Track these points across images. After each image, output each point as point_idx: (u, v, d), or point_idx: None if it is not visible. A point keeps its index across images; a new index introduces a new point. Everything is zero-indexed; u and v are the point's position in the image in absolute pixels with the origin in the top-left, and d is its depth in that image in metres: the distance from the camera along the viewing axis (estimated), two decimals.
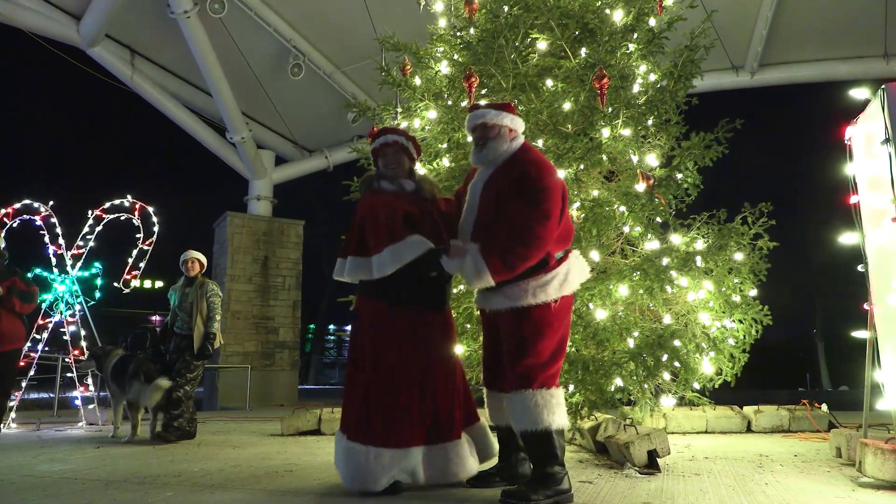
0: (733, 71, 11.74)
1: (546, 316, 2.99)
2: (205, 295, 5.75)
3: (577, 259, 3.21)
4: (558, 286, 3.01)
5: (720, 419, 5.61)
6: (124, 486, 3.26)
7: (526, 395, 2.90)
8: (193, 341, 5.62)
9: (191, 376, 5.63)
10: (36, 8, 10.30)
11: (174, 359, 5.71)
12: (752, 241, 5.26)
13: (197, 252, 5.98)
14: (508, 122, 3.22)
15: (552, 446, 2.85)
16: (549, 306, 2.99)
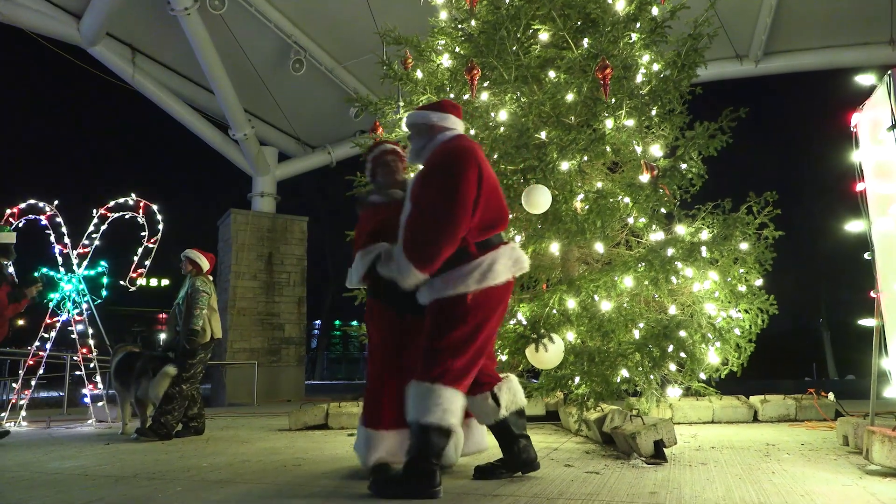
0: (737, 60, 11.67)
1: (459, 307, 2.91)
2: (188, 292, 5.68)
3: (509, 250, 3.06)
4: (479, 277, 2.91)
5: (726, 409, 5.61)
6: (134, 482, 3.28)
7: (413, 384, 2.86)
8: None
9: (186, 375, 5.50)
10: (36, 7, 10.30)
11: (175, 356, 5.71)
12: (757, 230, 5.26)
13: (192, 251, 5.86)
14: (434, 120, 3.18)
15: (423, 442, 2.77)
16: (464, 298, 2.90)
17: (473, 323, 2.91)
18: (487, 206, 2.98)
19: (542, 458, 3.70)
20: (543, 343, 4.52)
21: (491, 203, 3.01)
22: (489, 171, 3.06)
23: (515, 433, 3.17)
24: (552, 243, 5.15)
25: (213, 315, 5.73)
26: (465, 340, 2.90)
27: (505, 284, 3.00)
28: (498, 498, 2.67)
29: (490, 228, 3.03)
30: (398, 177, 3.51)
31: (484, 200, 2.95)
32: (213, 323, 5.70)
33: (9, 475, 3.65)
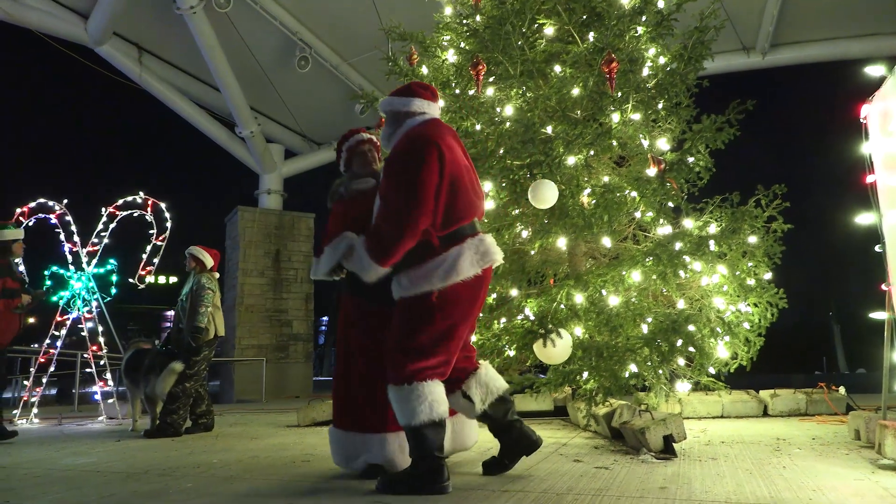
0: (744, 52, 11.59)
1: (424, 306, 2.81)
2: (193, 289, 5.70)
3: (475, 242, 2.89)
4: (442, 274, 2.80)
5: (736, 404, 5.59)
6: (145, 478, 3.30)
7: (391, 390, 2.81)
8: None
9: (190, 373, 5.51)
10: (44, 8, 10.35)
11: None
12: (766, 223, 5.22)
13: (196, 248, 5.84)
14: (398, 106, 3.05)
15: (420, 442, 2.74)
16: (429, 296, 2.80)
17: (443, 322, 2.82)
18: (452, 196, 2.85)
19: (550, 454, 3.71)
20: (551, 338, 4.51)
21: (457, 192, 2.87)
22: (456, 158, 2.91)
23: (504, 421, 3.07)
24: (559, 238, 5.14)
25: (216, 313, 5.73)
26: (437, 340, 2.83)
27: (474, 279, 2.85)
28: (507, 494, 2.67)
29: (457, 220, 2.88)
30: (374, 167, 3.42)
31: (447, 189, 2.83)
32: (216, 321, 5.71)
33: (22, 471, 3.68)
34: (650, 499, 2.51)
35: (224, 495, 2.82)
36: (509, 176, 5.17)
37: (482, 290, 2.95)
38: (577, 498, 2.56)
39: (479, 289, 2.92)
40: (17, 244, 5.62)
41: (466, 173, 2.98)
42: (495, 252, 2.95)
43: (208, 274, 5.77)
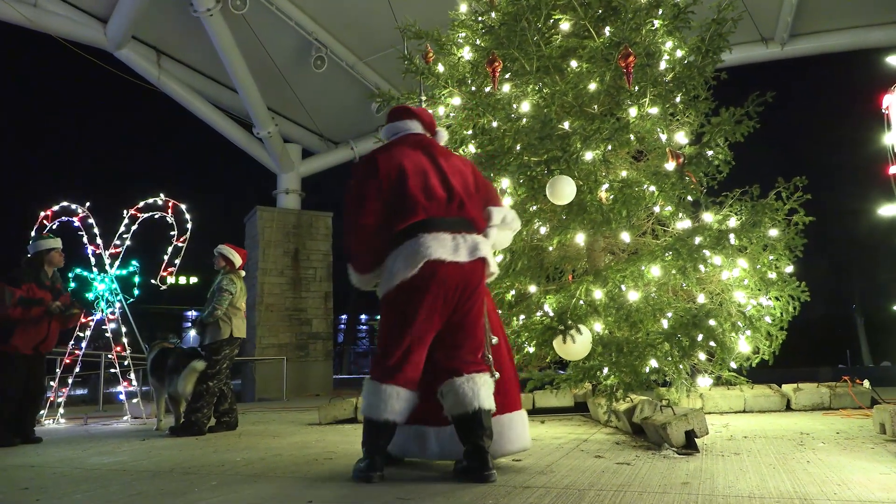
0: (763, 43, 11.45)
1: (381, 310, 3.11)
2: (214, 288, 5.81)
3: (406, 246, 2.95)
4: (387, 278, 3.00)
5: (758, 398, 5.54)
6: (171, 477, 3.35)
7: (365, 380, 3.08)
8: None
9: (212, 372, 5.59)
10: (64, 13, 10.52)
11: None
12: (787, 216, 5.16)
13: (225, 247, 5.95)
14: (382, 135, 3.45)
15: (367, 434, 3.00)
16: (383, 300, 3.08)
17: (393, 323, 3.00)
18: (391, 200, 3.02)
19: (571, 450, 3.71)
20: (571, 334, 4.50)
21: (396, 195, 3.01)
22: (395, 164, 3.06)
23: (460, 437, 3.00)
24: (577, 234, 5.12)
25: (236, 314, 5.78)
26: (392, 340, 2.99)
27: (414, 279, 2.90)
28: (528, 490, 2.68)
29: (400, 222, 2.99)
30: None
31: (387, 194, 3.02)
32: (235, 322, 5.74)
33: (51, 470, 3.76)
34: (673, 494, 2.50)
35: (249, 493, 2.86)
36: (527, 172, 5.16)
37: (431, 290, 2.92)
38: (600, 494, 2.56)
39: (423, 291, 2.92)
40: (54, 253, 5.65)
41: (410, 175, 3.05)
42: (422, 249, 2.91)
43: (232, 275, 5.84)
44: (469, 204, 3.15)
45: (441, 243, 2.95)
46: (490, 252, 3.15)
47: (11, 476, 3.63)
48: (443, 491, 2.72)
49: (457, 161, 3.29)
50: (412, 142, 3.26)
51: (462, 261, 2.97)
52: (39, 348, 5.46)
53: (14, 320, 5.26)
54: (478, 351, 3.11)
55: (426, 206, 3.02)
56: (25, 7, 10.00)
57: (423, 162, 3.13)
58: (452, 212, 3.08)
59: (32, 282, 5.44)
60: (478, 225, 3.20)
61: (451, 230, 3.02)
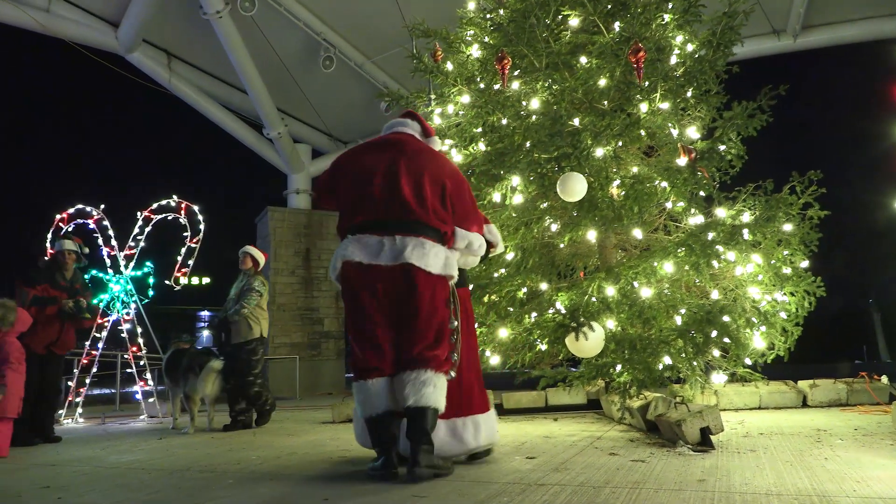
0: (775, 35, 11.32)
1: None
2: (243, 287, 5.97)
3: (341, 244, 3.17)
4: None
5: (774, 394, 5.49)
6: (188, 475, 3.39)
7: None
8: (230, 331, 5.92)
9: (255, 372, 5.89)
10: (75, 18, 10.61)
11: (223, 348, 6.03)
12: (801, 210, 5.12)
13: (252, 247, 6.22)
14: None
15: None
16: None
17: (347, 317, 3.27)
18: (340, 201, 3.23)
19: (585, 448, 3.70)
20: (583, 331, 4.50)
21: (343, 197, 3.21)
22: (349, 165, 3.26)
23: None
24: (589, 231, 5.11)
25: (263, 314, 6.01)
26: (352, 336, 3.14)
27: (343, 277, 3.11)
28: (543, 487, 2.68)
29: (348, 221, 3.18)
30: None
31: (338, 196, 3.25)
32: (262, 322, 5.99)
33: (71, 469, 3.81)
34: (689, 492, 2.49)
35: (265, 491, 2.88)
36: (537, 169, 5.15)
37: (353, 289, 3.09)
38: (615, 491, 2.55)
39: (347, 290, 3.12)
40: (67, 254, 5.70)
41: (368, 177, 3.16)
42: (343, 251, 3.11)
43: (262, 278, 6.06)
44: (419, 209, 3.12)
45: (362, 246, 3.08)
46: (429, 257, 3.07)
47: (32, 475, 3.68)
48: (458, 488, 2.73)
49: (428, 167, 3.21)
50: (386, 141, 3.35)
51: (383, 263, 3.04)
52: (52, 349, 5.50)
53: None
54: (425, 348, 3.05)
55: (365, 207, 3.15)
56: (38, 13, 10.10)
57: (381, 163, 3.19)
58: (393, 214, 3.11)
59: (47, 282, 5.50)
60: (430, 227, 3.14)
61: (383, 232, 3.09)
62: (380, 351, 3.07)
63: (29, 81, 29.88)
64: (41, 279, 5.50)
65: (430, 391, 2.96)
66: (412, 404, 2.95)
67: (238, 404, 5.86)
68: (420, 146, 3.35)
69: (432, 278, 3.07)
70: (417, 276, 3.04)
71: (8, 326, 4.60)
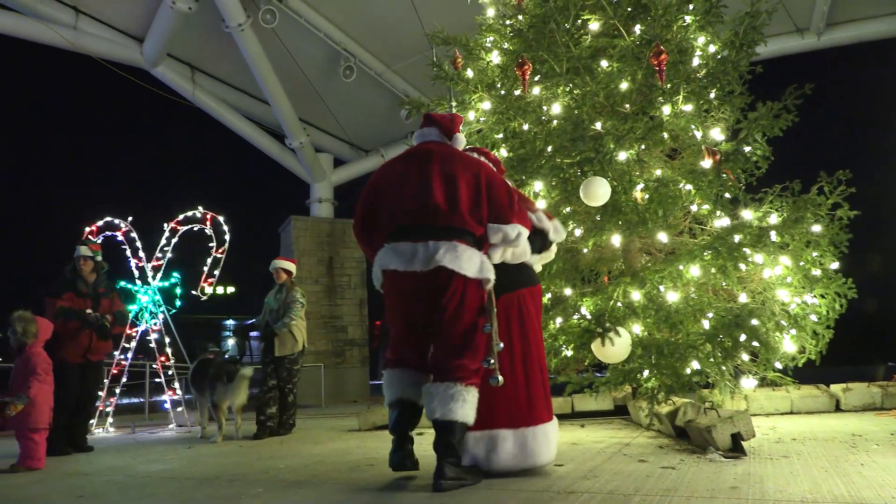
0: (798, 34, 11.16)
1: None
2: (285, 300, 6.15)
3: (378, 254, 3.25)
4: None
5: (805, 399, 5.39)
6: (217, 484, 3.42)
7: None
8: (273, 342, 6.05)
9: (294, 381, 6.11)
10: (102, 34, 10.84)
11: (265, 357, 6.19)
12: (830, 211, 5.02)
13: (282, 261, 6.41)
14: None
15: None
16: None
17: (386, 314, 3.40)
18: (376, 210, 3.33)
19: (614, 454, 3.66)
20: (609, 337, 4.46)
21: (379, 207, 3.32)
22: (382, 179, 3.36)
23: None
24: (613, 235, 5.06)
25: (302, 325, 6.23)
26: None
27: (385, 283, 3.24)
28: (573, 495, 2.66)
29: (385, 231, 3.25)
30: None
31: (373, 209, 3.35)
32: (304, 332, 6.25)
33: (103, 478, 3.87)
34: (721, 499, 2.45)
35: (294, 500, 2.90)
36: (559, 174, 5.13)
37: (392, 296, 3.25)
38: (645, 499, 2.52)
39: (388, 296, 3.28)
40: (82, 261, 5.72)
41: (400, 188, 3.23)
42: (381, 261, 3.21)
43: (301, 289, 6.33)
44: (452, 213, 3.11)
45: (397, 254, 3.13)
46: (462, 259, 3.04)
47: (68, 484, 3.75)
48: (486, 497, 2.72)
49: (458, 169, 3.21)
50: (414, 152, 3.40)
51: (417, 270, 3.07)
52: (88, 356, 5.57)
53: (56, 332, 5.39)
54: (453, 355, 3.04)
55: (398, 215, 3.21)
56: (66, 30, 10.35)
57: (412, 172, 3.24)
58: (425, 220, 3.13)
59: (70, 291, 5.55)
60: (465, 231, 3.13)
61: (416, 239, 3.10)
62: (407, 347, 3.25)
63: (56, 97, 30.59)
64: (65, 289, 5.55)
65: (457, 406, 2.95)
66: (439, 417, 2.97)
67: (269, 409, 5.96)
68: (449, 151, 3.35)
69: (466, 281, 3.07)
70: (451, 279, 3.05)
71: (32, 339, 4.63)
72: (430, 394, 3.01)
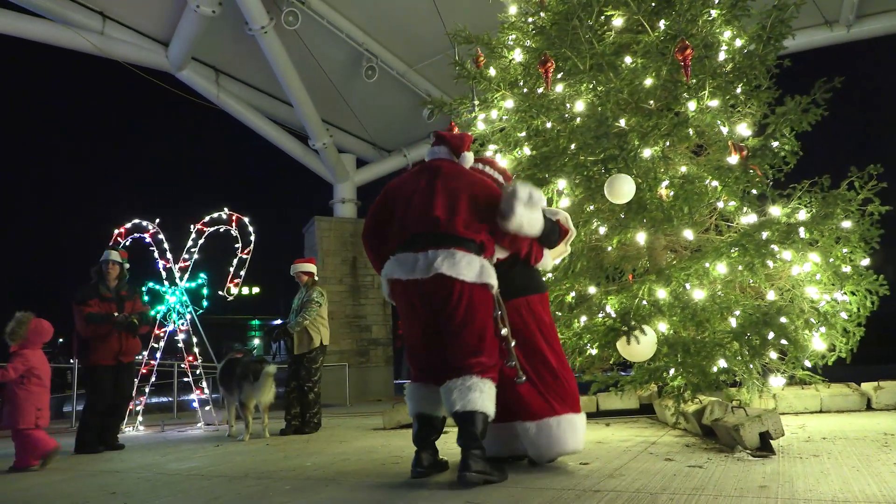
0: (827, 26, 10.96)
1: None
2: (304, 300, 6.28)
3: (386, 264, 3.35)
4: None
5: (836, 397, 5.29)
6: (246, 482, 3.47)
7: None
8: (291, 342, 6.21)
9: (314, 379, 6.20)
10: (129, 40, 11.05)
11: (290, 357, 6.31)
12: (860, 206, 4.92)
13: (300, 263, 6.53)
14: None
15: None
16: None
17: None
18: (383, 227, 3.44)
19: (640, 453, 3.64)
20: (635, 335, 4.43)
21: (384, 224, 3.44)
22: (392, 192, 3.46)
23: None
24: (638, 233, 5.03)
25: (322, 323, 6.34)
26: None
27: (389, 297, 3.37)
28: (599, 493, 2.65)
29: (394, 243, 3.35)
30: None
31: (382, 221, 3.46)
32: (323, 331, 6.33)
33: (135, 476, 3.95)
34: (750, 498, 2.42)
35: (321, 498, 2.93)
36: (583, 172, 5.11)
37: (400, 304, 3.33)
38: (673, 498, 2.50)
39: (398, 304, 3.36)
40: (110, 265, 5.85)
41: (407, 200, 3.34)
42: (386, 271, 3.32)
43: (320, 288, 6.41)
44: (449, 222, 3.19)
45: (401, 264, 3.24)
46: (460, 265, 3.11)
47: (100, 481, 3.83)
48: (512, 494, 2.72)
49: (463, 186, 3.33)
50: (424, 168, 3.53)
51: (419, 277, 3.15)
52: (120, 358, 5.68)
53: (88, 337, 5.52)
54: (468, 356, 3.13)
55: (405, 229, 3.30)
56: (93, 35, 10.57)
57: (419, 186, 3.38)
58: (425, 229, 3.23)
59: (95, 297, 5.65)
60: (464, 238, 3.19)
61: (418, 249, 3.20)
62: (420, 359, 3.35)
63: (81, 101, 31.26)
64: (90, 295, 5.64)
65: (476, 396, 3.01)
66: (459, 409, 3.01)
67: (294, 409, 6.14)
68: (456, 169, 3.47)
69: (468, 287, 3.13)
70: (452, 285, 3.11)
71: (19, 340, 4.68)
72: (449, 389, 3.07)
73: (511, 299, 3.38)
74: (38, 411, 4.65)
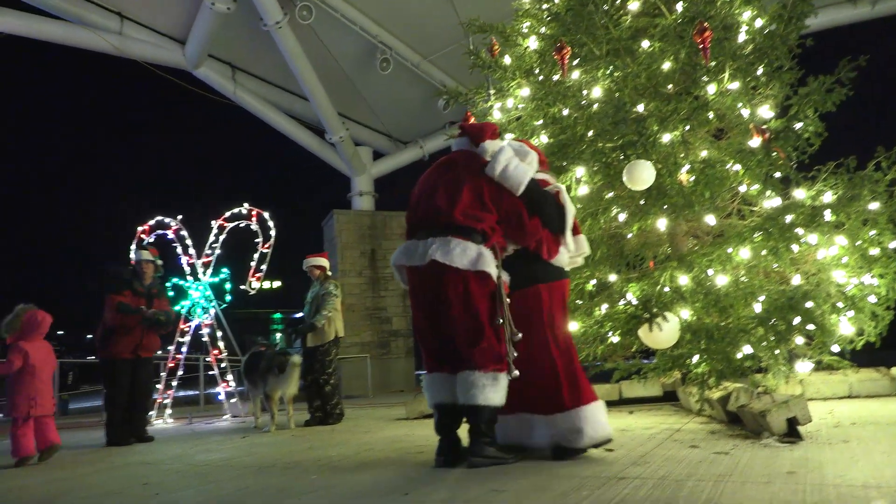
0: (851, 3, 10.71)
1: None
2: (320, 293, 6.32)
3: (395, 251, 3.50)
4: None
5: (865, 382, 5.22)
6: (272, 472, 3.52)
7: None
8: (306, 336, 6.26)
9: (329, 371, 6.23)
10: (146, 39, 11.16)
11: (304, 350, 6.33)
12: (888, 187, 4.81)
13: (312, 258, 6.54)
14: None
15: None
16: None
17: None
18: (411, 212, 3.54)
19: (664, 440, 3.62)
20: (657, 322, 4.39)
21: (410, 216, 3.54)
22: (418, 185, 3.55)
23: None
24: (658, 219, 4.97)
25: (337, 315, 6.35)
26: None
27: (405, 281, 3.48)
28: (624, 480, 2.64)
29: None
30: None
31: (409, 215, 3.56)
32: (337, 323, 6.35)
33: (165, 467, 4.03)
34: (778, 484, 2.40)
35: (348, 487, 2.96)
36: (601, 159, 5.06)
37: (411, 287, 3.42)
38: (699, 484, 2.49)
39: (409, 286, 3.44)
40: (144, 264, 6.03)
41: (424, 191, 3.45)
42: (393, 257, 3.48)
43: (335, 281, 6.45)
44: (448, 211, 3.25)
45: (405, 251, 3.39)
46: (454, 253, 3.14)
47: (132, 473, 3.91)
48: (537, 483, 2.73)
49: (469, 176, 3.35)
50: (442, 162, 3.61)
51: (417, 264, 3.29)
52: (139, 353, 5.80)
53: (112, 327, 5.65)
54: (465, 344, 3.17)
55: (415, 216, 3.46)
56: (112, 35, 10.69)
57: (435, 177, 3.49)
58: (427, 218, 3.36)
59: (128, 289, 5.82)
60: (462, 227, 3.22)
61: (421, 236, 3.33)
62: (429, 348, 3.42)
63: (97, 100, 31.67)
64: (124, 286, 5.84)
65: (477, 391, 3.12)
66: (463, 402, 3.16)
67: (315, 401, 6.22)
68: (470, 158, 3.51)
69: (461, 274, 3.16)
70: (444, 272, 3.17)
71: (11, 332, 4.77)
72: (457, 382, 3.22)
73: (524, 287, 3.37)
74: (32, 400, 4.72)
